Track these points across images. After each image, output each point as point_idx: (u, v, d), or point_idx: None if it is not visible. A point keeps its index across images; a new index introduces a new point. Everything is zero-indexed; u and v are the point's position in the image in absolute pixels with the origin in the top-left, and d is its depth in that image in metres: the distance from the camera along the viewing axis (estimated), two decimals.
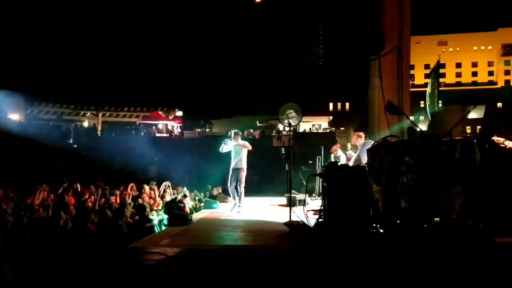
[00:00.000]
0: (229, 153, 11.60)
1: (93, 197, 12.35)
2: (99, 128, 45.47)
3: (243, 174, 11.49)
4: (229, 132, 12.33)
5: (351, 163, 10.77)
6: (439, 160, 6.69)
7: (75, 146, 33.93)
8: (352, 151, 12.27)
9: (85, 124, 50.17)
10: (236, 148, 11.50)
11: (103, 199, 12.22)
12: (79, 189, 13.34)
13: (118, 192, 13.71)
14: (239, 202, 11.46)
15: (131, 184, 13.83)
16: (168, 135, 44.52)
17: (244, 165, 11.50)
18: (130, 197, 12.59)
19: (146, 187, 13.74)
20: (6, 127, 30.90)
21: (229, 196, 11.97)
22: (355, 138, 11.43)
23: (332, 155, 13.35)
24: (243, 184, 11.48)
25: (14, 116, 45.34)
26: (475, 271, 5.78)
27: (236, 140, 11.55)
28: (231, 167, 11.54)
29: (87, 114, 54.95)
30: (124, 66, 56.83)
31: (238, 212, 11.25)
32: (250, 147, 11.61)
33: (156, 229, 9.48)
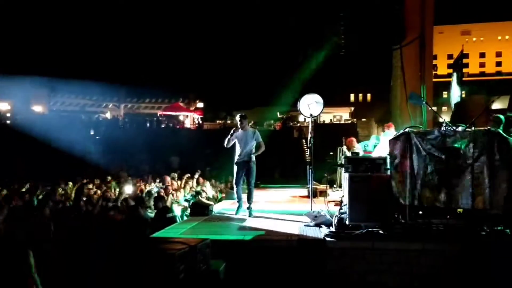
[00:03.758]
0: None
1: (114, 187, 12.51)
2: (121, 120, 45.87)
3: (254, 167, 9.59)
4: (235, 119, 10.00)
5: (373, 155, 10.68)
6: (462, 151, 6.63)
7: (98, 137, 34.29)
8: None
9: (108, 115, 50.64)
10: (243, 136, 9.55)
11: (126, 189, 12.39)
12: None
13: (140, 182, 13.90)
14: (249, 203, 9.53)
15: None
16: (189, 127, 44.66)
17: (253, 156, 9.57)
18: (150, 188, 12.71)
19: (168, 178, 13.87)
20: (30, 119, 31.35)
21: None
22: (386, 128, 11.26)
23: (345, 148, 12.81)
24: (253, 180, 9.66)
25: (38, 108, 45.96)
26: (496, 260, 5.76)
27: (244, 127, 9.63)
28: (236, 160, 9.61)
29: (110, 106, 55.49)
30: (145, 58, 57.12)
31: (250, 216, 9.29)
32: (263, 147, 9.60)
33: (178, 220, 9.55)
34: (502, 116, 7.35)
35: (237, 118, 9.81)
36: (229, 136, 9.50)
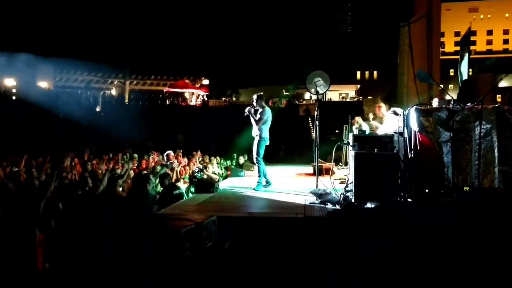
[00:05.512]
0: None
1: (121, 163, 12.54)
2: (127, 97, 45.81)
3: (255, 143, 10.00)
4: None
5: (378, 132, 10.65)
6: (469, 128, 6.61)
7: (103, 114, 34.33)
8: (377, 121, 12.05)
9: (113, 92, 50.57)
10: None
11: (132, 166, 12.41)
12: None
13: (146, 159, 13.91)
14: (258, 177, 10.06)
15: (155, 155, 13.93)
16: (194, 104, 44.51)
17: (256, 131, 9.97)
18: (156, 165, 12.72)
19: (172, 154, 13.86)
20: (36, 95, 31.41)
21: (255, 164, 11.30)
22: (377, 110, 11.27)
23: (354, 127, 13.08)
24: (255, 155, 10.02)
25: (43, 84, 45.99)
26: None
27: (261, 106, 10.06)
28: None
29: (115, 82, 55.41)
30: (151, 34, 56.81)
31: (256, 189, 9.84)
32: (256, 119, 9.97)
33: (184, 197, 9.57)
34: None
35: (254, 97, 10.15)
36: (259, 116, 9.89)
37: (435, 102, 9.09)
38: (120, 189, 9.05)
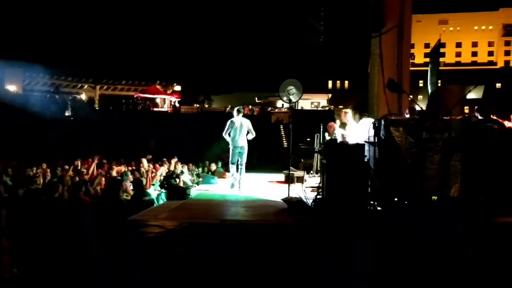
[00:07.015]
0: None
1: (90, 169, 12.42)
2: (97, 101, 45.29)
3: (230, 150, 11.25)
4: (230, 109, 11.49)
5: (348, 141, 10.73)
6: (437, 138, 6.72)
7: (72, 118, 33.89)
8: (342, 128, 12.06)
9: (83, 96, 49.94)
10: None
11: (102, 172, 12.29)
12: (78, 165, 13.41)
13: (116, 166, 13.78)
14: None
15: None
16: (166, 110, 44.29)
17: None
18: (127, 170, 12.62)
19: (144, 161, 13.77)
20: (4, 98, 30.84)
21: (228, 172, 11.85)
22: (343, 116, 11.33)
23: (327, 134, 13.12)
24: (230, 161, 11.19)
25: (12, 87, 45.18)
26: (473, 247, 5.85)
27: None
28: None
29: (85, 87, 54.74)
30: (123, 39, 56.42)
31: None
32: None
33: (155, 203, 9.51)
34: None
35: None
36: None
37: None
38: (86, 195, 8.98)
